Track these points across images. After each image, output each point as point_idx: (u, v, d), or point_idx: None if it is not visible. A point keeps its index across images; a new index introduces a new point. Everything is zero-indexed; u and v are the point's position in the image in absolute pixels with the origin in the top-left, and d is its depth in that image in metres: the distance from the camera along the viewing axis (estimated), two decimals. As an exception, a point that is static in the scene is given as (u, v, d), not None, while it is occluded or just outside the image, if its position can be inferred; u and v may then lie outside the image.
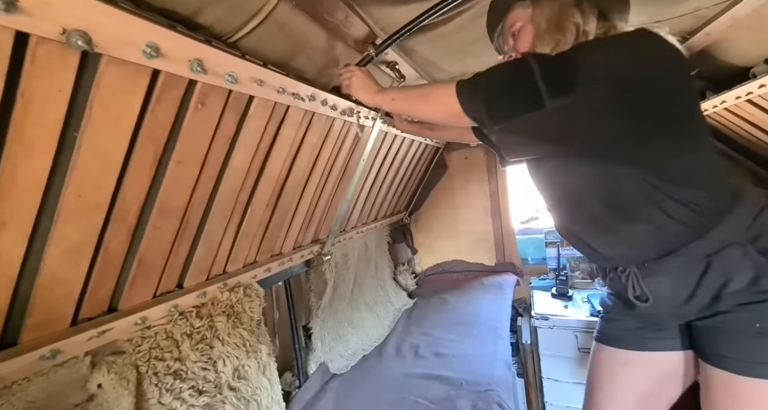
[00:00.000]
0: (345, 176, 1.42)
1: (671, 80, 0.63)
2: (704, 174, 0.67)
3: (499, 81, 0.66)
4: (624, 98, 0.59)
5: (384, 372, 1.43)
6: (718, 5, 1.24)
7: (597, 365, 0.92)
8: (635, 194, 0.67)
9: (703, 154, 0.68)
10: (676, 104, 0.64)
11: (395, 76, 1.21)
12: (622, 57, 0.59)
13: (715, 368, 0.70)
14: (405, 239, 2.68)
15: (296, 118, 0.90)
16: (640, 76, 0.60)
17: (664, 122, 0.63)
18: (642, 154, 0.64)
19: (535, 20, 0.75)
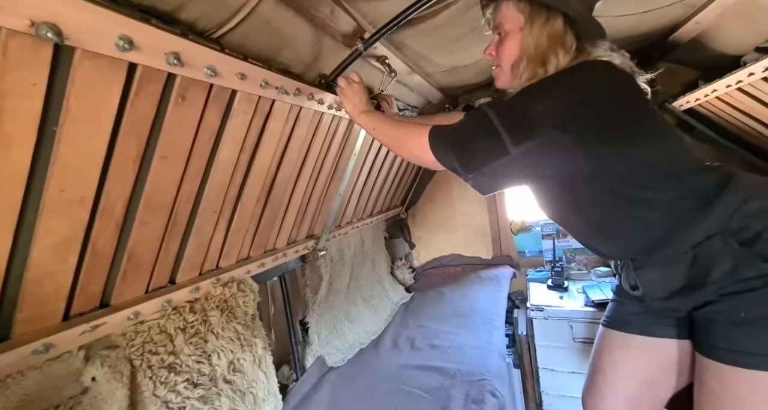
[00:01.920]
0: (337, 171, 1.41)
1: (625, 102, 0.68)
2: (675, 175, 0.69)
3: (467, 134, 0.71)
4: (580, 135, 0.64)
5: (380, 365, 1.44)
6: (707, -7, 1.23)
7: (601, 349, 0.93)
8: (609, 207, 0.72)
9: (670, 157, 0.71)
10: (633, 121, 0.68)
11: (386, 70, 1.20)
12: (573, 99, 0.65)
13: (706, 358, 0.72)
14: (402, 234, 2.68)
15: (282, 112, 0.90)
16: (592, 111, 0.64)
17: (625, 139, 0.67)
18: (608, 172, 0.69)
19: (525, 38, 0.74)
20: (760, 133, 1.59)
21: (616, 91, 0.67)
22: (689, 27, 1.46)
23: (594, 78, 0.67)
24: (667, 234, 0.70)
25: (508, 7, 0.76)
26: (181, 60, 0.54)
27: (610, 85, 0.67)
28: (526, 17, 0.74)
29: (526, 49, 0.74)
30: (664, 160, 0.70)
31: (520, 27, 0.75)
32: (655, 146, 0.69)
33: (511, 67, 0.78)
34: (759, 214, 0.65)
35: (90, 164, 0.54)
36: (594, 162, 0.67)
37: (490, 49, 0.83)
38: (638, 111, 0.69)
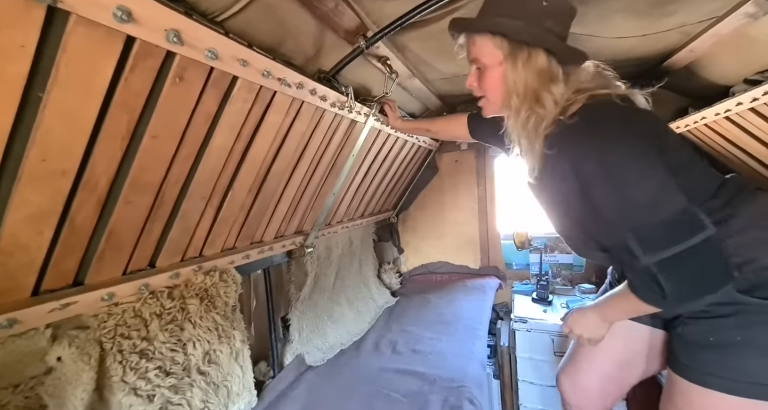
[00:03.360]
0: (334, 170, 1.40)
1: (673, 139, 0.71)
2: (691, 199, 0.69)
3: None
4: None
5: (360, 366, 1.42)
6: (702, 22, 1.26)
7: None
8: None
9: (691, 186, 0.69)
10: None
11: (387, 71, 1.20)
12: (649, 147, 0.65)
13: (675, 375, 0.75)
14: (391, 239, 2.67)
15: (283, 105, 0.89)
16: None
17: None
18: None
19: (508, 76, 0.72)
20: (743, 162, 1.63)
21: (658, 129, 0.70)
22: (683, 54, 1.49)
23: (635, 121, 0.67)
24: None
25: (483, 41, 0.73)
26: (181, 38, 0.53)
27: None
28: (506, 54, 0.71)
29: (512, 87, 0.72)
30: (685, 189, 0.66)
31: (500, 61, 0.72)
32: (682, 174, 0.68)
33: (500, 102, 0.77)
34: (749, 244, 0.66)
35: (76, 135, 0.52)
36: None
37: (471, 81, 0.81)
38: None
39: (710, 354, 0.69)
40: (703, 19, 1.23)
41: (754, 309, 0.65)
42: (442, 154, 2.58)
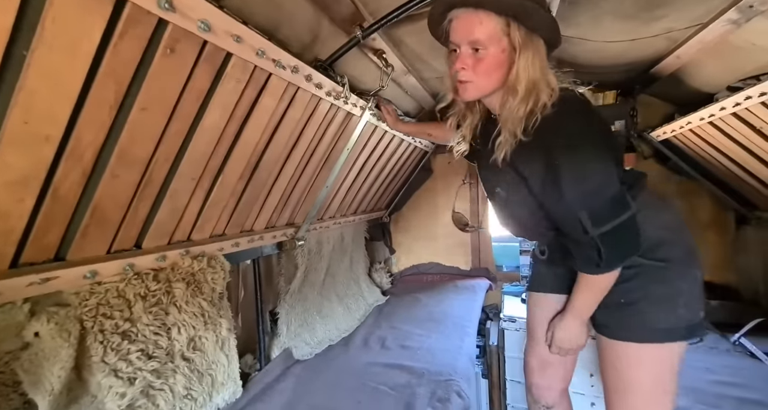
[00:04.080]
0: (328, 162, 1.39)
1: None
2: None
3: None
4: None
5: (348, 361, 1.39)
6: (688, 28, 1.28)
7: (528, 310, 1.12)
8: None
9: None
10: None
11: (383, 64, 1.21)
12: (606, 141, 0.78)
13: (600, 335, 0.90)
14: (383, 238, 2.65)
15: (278, 89, 0.88)
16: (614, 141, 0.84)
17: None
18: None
19: (519, 65, 0.71)
20: (726, 167, 1.66)
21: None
22: (670, 61, 1.53)
23: (595, 116, 0.76)
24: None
25: (492, 24, 0.70)
26: (173, 5, 0.52)
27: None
28: (519, 42, 0.70)
29: (521, 76, 0.71)
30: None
31: (503, 48, 0.71)
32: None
33: (491, 88, 0.77)
34: (642, 221, 0.77)
35: (61, 99, 0.50)
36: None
37: (462, 62, 0.74)
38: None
39: (621, 313, 0.84)
40: (689, 25, 1.26)
41: (647, 269, 0.81)
42: (436, 155, 2.58)
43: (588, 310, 0.87)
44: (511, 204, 0.88)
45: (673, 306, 0.80)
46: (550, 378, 1.04)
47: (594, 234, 0.73)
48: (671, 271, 0.81)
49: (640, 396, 0.83)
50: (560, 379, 1.04)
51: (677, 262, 0.82)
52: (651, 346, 0.81)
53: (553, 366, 1.02)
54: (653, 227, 0.80)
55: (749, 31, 1.16)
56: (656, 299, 0.81)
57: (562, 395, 1.06)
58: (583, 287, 0.84)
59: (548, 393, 1.04)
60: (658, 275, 0.81)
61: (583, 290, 0.85)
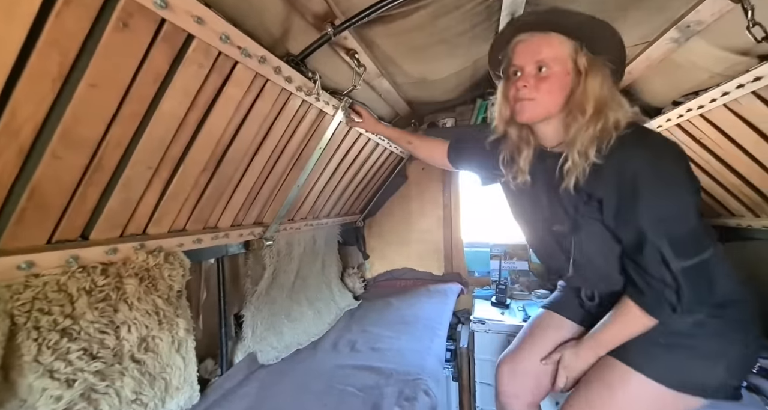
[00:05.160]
0: (299, 161, 1.37)
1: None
2: None
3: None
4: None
5: (315, 364, 1.34)
6: (637, 46, 1.38)
7: (537, 324, 1.05)
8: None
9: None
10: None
11: (354, 64, 1.21)
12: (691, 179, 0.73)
13: (614, 358, 0.82)
14: (357, 244, 2.63)
15: (244, 79, 0.86)
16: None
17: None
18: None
19: (588, 86, 0.70)
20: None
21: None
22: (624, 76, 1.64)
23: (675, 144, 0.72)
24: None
25: (561, 43, 0.71)
26: (126, -25, 0.50)
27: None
28: (585, 65, 0.70)
29: (588, 97, 0.70)
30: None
31: (569, 70, 0.72)
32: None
33: (555, 109, 0.75)
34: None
35: (-6, 65, 0.46)
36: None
37: (524, 81, 0.73)
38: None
39: (657, 350, 0.77)
40: (638, 43, 1.36)
41: (701, 320, 0.74)
42: (411, 162, 2.60)
43: (611, 346, 0.81)
44: (577, 241, 0.79)
45: (714, 365, 0.74)
46: (518, 386, 1.01)
47: (677, 268, 0.66)
48: (727, 331, 0.75)
49: None
50: (529, 391, 1.00)
51: (735, 323, 0.75)
52: (666, 389, 0.74)
53: (525, 376, 1.00)
54: (722, 281, 0.74)
55: (688, 50, 1.26)
56: (698, 354, 0.74)
57: (530, 407, 1.02)
58: (620, 324, 0.77)
59: (515, 401, 1.02)
60: (711, 331, 0.74)
61: (619, 326, 0.78)
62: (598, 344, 0.83)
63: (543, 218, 0.86)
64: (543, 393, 1.00)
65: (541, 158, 0.84)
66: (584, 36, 0.71)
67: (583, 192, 0.74)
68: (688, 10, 1.07)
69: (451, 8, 1.10)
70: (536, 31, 0.73)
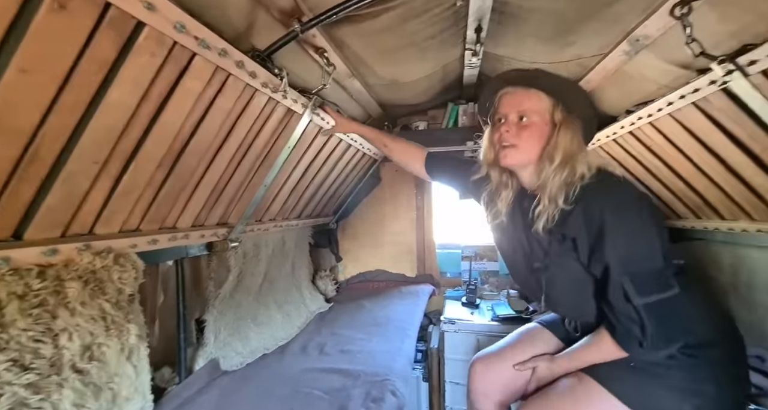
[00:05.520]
0: (267, 160, 1.33)
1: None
2: None
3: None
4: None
5: (281, 369, 1.30)
6: (594, 57, 1.46)
7: (526, 335, 1.07)
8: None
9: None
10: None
11: (324, 63, 1.20)
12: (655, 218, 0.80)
13: (585, 374, 0.86)
14: (330, 246, 2.59)
15: (204, 72, 0.82)
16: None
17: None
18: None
19: (559, 138, 0.79)
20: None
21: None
22: (582, 83, 1.72)
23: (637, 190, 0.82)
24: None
25: (538, 101, 0.82)
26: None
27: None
28: (560, 119, 0.81)
29: (559, 148, 0.79)
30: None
31: (546, 122, 0.81)
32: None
33: (534, 157, 0.83)
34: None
35: None
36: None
37: (507, 127, 0.83)
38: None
39: (627, 372, 0.80)
40: (595, 54, 1.43)
41: (675, 360, 0.77)
42: (385, 164, 2.60)
43: (583, 366, 0.85)
44: (549, 277, 0.86)
45: (681, 399, 0.75)
46: (488, 385, 1.03)
47: (638, 304, 0.72)
48: (701, 371, 0.76)
49: None
50: (498, 391, 1.02)
51: (712, 365, 0.76)
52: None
53: (497, 376, 1.02)
54: (697, 322, 0.79)
55: (639, 62, 1.34)
56: (668, 384, 0.76)
57: (499, 407, 1.03)
58: (595, 349, 0.82)
59: (484, 399, 1.03)
60: (685, 367, 0.76)
61: (593, 351, 0.83)
62: (571, 361, 0.87)
63: (523, 255, 0.91)
64: (512, 396, 1.02)
65: (520, 198, 0.91)
66: (561, 95, 0.81)
67: (557, 233, 0.80)
68: (638, 24, 1.14)
69: (420, 11, 1.11)
70: (520, 86, 0.83)
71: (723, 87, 1.01)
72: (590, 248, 0.77)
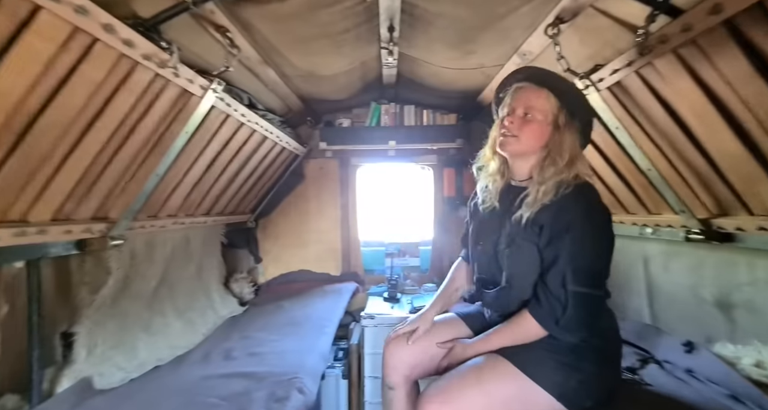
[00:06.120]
0: (159, 146, 1.17)
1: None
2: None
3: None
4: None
5: (175, 380, 1.15)
6: (495, 67, 1.62)
7: (442, 320, 1.13)
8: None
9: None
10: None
11: (227, 43, 1.10)
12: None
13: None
14: (248, 246, 2.42)
15: (51, 28, 0.67)
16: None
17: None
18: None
19: (562, 138, 0.87)
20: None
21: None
22: (487, 93, 1.89)
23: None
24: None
25: (544, 100, 0.88)
26: None
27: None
28: (563, 122, 0.88)
29: (559, 147, 0.87)
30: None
31: (549, 122, 0.88)
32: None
33: (533, 149, 0.90)
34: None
35: None
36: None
37: (512, 119, 0.90)
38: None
39: (528, 350, 0.88)
40: (495, 65, 1.58)
41: (571, 345, 0.87)
42: (308, 160, 2.52)
43: (497, 347, 0.92)
44: (514, 256, 0.93)
45: (568, 375, 0.85)
46: (398, 359, 1.07)
47: (571, 290, 0.82)
48: (587, 354, 0.87)
49: (476, 395, 0.84)
50: (408, 366, 1.06)
51: (597, 351, 0.88)
52: (525, 379, 0.85)
53: (408, 352, 1.06)
54: (605, 326, 0.92)
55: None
56: (559, 361, 0.86)
57: (405, 381, 1.08)
58: (512, 328, 0.91)
59: (393, 372, 1.07)
60: (575, 350, 0.87)
61: (510, 331, 0.91)
62: (486, 342, 0.94)
63: (495, 238, 0.98)
64: (421, 372, 1.08)
65: (507, 188, 1.00)
66: (567, 99, 0.89)
67: (530, 221, 0.88)
68: (524, 40, 1.29)
69: (330, 1, 1.09)
70: (534, 83, 0.90)
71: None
72: (551, 237, 0.86)
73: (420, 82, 1.96)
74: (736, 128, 0.83)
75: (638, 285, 1.46)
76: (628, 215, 1.43)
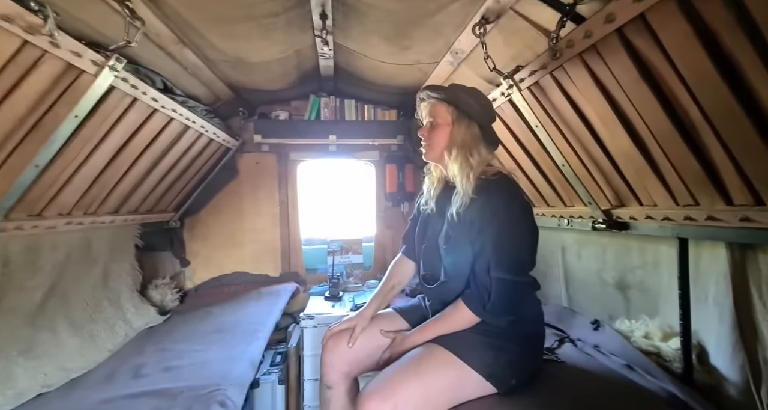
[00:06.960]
0: (37, 131, 0.98)
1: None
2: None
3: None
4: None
5: (67, 407, 0.97)
6: (431, 64, 1.64)
7: (379, 315, 1.16)
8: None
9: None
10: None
11: (127, 14, 0.95)
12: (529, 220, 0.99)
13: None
14: (172, 248, 2.18)
15: None
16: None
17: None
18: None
19: (453, 133, 0.98)
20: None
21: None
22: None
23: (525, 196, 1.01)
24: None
25: (441, 107, 1.00)
26: None
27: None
28: (453, 119, 0.98)
29: (454, 141, 0.97)
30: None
31: (449, 123, 0.98)
32: None
33: (441, 151, 1.00)
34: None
35: None
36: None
37: (422, 131, 1.04)
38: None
39: (462, 337, 0.94)
40: (430, 61, 1.61)
41: (499, 329, 0.95)
42: (242, 154, 2.34)
43: (434, 335, 0.97)
44: (449, 254, 0.99)
45: (497, 356, 0.91)
46: (336, 356, 1.07)
47: (494, 275, 0.90)
48: (513, 337, 0.94)
49: (415, 386, 0.86)
50: (346, 362, 1.07)
51: (521, 335, 0.95)
52: (457, 359, 0.90)
53: (343, 348, 1.07)
54: (529, 313, 0.99)
55: (461, 73, 1.57)
56: (489, 344, 0.92)
57: (344, 378, 1.08)
58: (448, 316, 0.97)
59: (331, 370, 1.07)
60: (502, 334, 0.93)
61: (446, 319, 0.97)
62: (424, 332, 0.99)
63: (436, 236, 1.05)
64: (360, 369, 1.09)
65: (445, 190, 1.08)
66: (455, 101, 0.99)
67: (463, 216, 0.96)
68: (455, 38, 1.33)
69: (250, -22, 1.01)
70: (432, 96, 1.02)
71: (508, 98, 1.27)
72: (479, 229, 0.93)
73: (360, 76, 1.92)
74: (628, 128, 0.93)
75: (557, 272, 1.60)
76: (548, 207, 1.56)
